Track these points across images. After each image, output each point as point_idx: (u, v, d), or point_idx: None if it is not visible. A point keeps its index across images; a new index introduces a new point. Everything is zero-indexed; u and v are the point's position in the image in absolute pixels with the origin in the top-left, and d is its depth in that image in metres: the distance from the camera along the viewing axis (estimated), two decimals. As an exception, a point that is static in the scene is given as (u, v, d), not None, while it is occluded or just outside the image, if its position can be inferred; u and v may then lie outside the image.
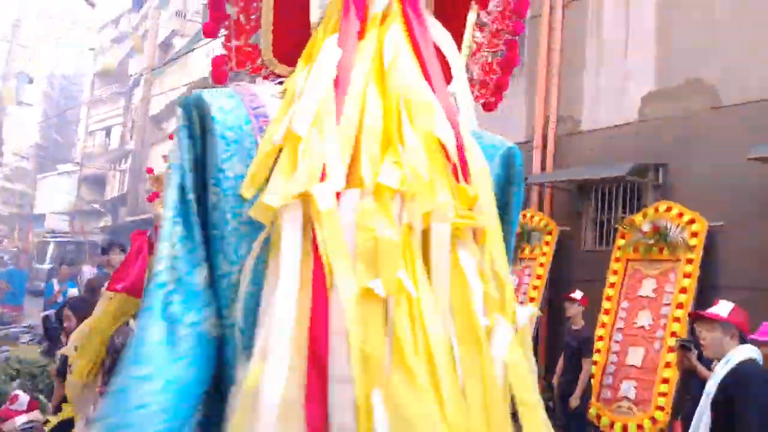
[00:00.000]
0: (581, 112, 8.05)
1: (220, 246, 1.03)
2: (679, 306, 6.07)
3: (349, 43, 1.09)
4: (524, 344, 1.00)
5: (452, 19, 1.32)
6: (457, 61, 1.26)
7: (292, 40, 1.22)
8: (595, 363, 6.45)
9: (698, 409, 3.44)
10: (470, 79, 1.44)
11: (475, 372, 0.92)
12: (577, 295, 6.20)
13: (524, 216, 7.96)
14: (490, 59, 1.44)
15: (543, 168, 8.23)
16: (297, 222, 0.93)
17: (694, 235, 6.19)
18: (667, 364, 5.91)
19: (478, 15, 1.39)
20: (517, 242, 7.89)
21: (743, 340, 3.35)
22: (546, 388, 6.51)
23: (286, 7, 1.29)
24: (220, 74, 1.34)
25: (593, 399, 6.32)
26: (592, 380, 6.33)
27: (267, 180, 0.97)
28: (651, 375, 6.09)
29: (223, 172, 1.03)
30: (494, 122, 7.48)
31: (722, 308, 3.38)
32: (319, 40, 1.13)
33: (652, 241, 6.50)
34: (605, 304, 6.70)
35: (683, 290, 6.10)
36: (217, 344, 1.01)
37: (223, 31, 1.34)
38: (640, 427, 5.89)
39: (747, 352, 3.28)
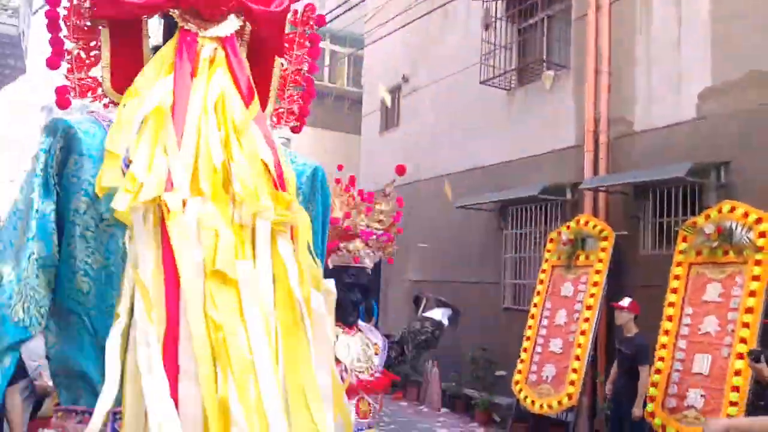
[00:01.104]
0: (633, 113, 7.80)
1: (89, 243, 1.33)
2: (748, 311, 5.75)
3: (184, 81, 1.41)
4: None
5: (261, 63, 1.76)
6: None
7: (128, 74, 1.46)
8: (658, 371, 6.19)
9: None
10: (279, 108, 1.88)
11: (291, 331, 1.26)
12: (625, 302, 6.18)
13: (577, 222, 7.75)
14: (294, 92, 1.89)
15: (595, 172, 8.00)
16: (150, 222, 1.22)
17: (762, 235, 5.86)
18: (737, 372, 5.60)
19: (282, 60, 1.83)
20: (572, 249, 7.68)
21: None
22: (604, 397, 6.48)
23: (121, 46, 1.57)
24: (63, 101, 1.58)
25: (657, 408, 6.06)
26: (653, 388, 6.10)
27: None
28: (719, 383, 5.78)
29: (92, 185, 1.31)
30: (544, 128, 7.43)
31: None
32: (150, 78, 1.43)
33: (716, 244, 6.20)
34: (668, 311, 6.42)
35: (752, 293, 5.78)
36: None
37: (65, 64, 1.59)
38: (710, 438, 5.58)
39: None
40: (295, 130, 1.93)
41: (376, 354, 3.16)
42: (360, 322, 3.21)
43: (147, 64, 1.48)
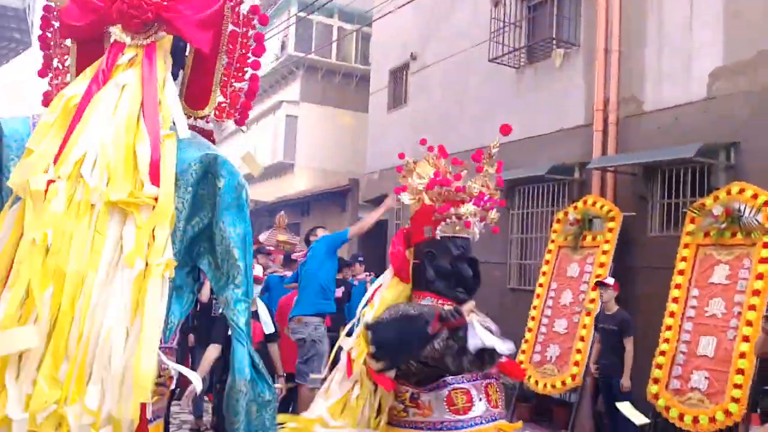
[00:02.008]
0: (644, 92, 7.69)
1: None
2: (755, 293, 5.71)
3: (97, 82, 1.84)
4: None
5: (202, 62, 2.08)
6: (173, 98, 1.97)
7: None
8: (662, 353, 6.19)
9: None
10: (223, 103, 2.15)
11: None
12: (610, 280, 6.47)
13: (584, 203, 7.69)
14: (237, 88, 2.15)
15: (604, 152, 7.92)
16: (26, 195, 1.69)
17: (770, 217, 5.80)
18: (742, 354, 5.57)
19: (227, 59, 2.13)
20: (578, 230, 7.64)
21: None
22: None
23: (86, 58, 2.00)
24: (46, 102, 2.07)
25: (662, 389, 6.06)
26: (658, 370, 6.12)
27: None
28: (724, 366, 5.75)
29: (8, 168, 1.80)
30: (553, 107, 7.34)
31: None
32: (77, 82, 1.90)
33: (724, 225, 6.15)
34: (674, 292, 6.39)
35: (759, 276, 5.73)
36: None
37: (50, 74, 2.16)
38: (712, 419, 5.57)
39: None
40: (239, 122, 2.20)
41: None
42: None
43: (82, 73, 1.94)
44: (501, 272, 9.45)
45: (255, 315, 5.02)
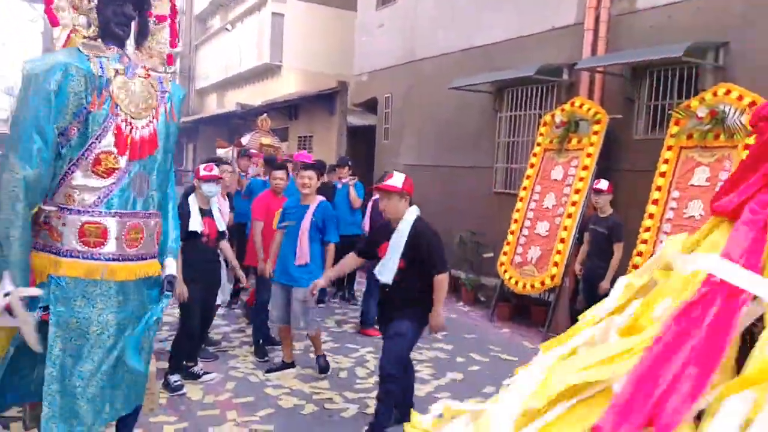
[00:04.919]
0: (637, -12, 7.40)
1: None
2: (734, 195, 5.73)
3: None
4: None
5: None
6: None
7: None
8: (640, 254, 6.29)
9: None
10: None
11: None
12: (603, 185, 6.36)
13: (572, 104, 7.58)
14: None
15: (594, 52, 7.72)
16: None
17: (755, 119, 5.72)
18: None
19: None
20: (564, 133, 7.57)
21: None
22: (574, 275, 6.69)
23: None
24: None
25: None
26: (636, 270, 6.21)
27: None
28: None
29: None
30: (543, 5, 7.06)
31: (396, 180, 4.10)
32: None
33: (707, 127, 6.09)
34: (654, 194, 6.41)
35: (739, 178, 5.73)
36: None
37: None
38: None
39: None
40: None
41: None
42: None
43: None
44: (488, 176, 9.44)
45: (209, 213, 5.11)
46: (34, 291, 2.60)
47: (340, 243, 5.53)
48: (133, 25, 2.96)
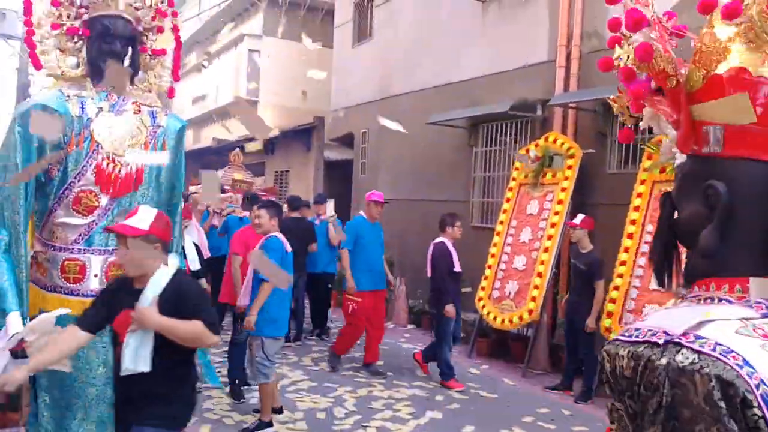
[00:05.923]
0: (606, 27, 7.55)
1: None
2: (707, 228, 5.80)
3: None
4: None
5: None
6: None
7: None
8: (616, 288, 6.31)
9: None
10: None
11: None
12: (578, 219, 6.38)
13: (546, 139, 7.66)
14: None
15: (566, 88, 7.85)
16: None
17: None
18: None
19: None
20: (539, 167, 7.64)
21: None
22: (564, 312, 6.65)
23: None
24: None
25: (615, 323, 6.21)
26: (612, 304, 6.24)
27: None
28: (675, 300, 5.89)
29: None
30: (516, 43, 7.15)
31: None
32: None
33: (679, 162, 6.17)
34: (629, 228, 6.47)
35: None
36: None
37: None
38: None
39: None
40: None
41: None
42: None
43: None
44: (464, 210, 9.46)
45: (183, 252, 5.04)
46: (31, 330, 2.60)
47: (317, 282, 5.46)
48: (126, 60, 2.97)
